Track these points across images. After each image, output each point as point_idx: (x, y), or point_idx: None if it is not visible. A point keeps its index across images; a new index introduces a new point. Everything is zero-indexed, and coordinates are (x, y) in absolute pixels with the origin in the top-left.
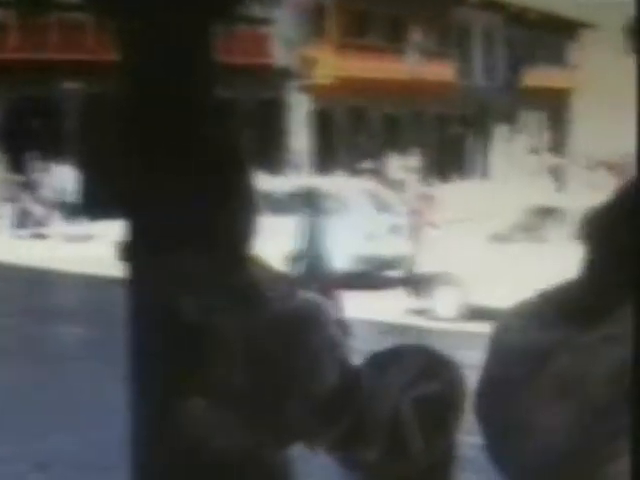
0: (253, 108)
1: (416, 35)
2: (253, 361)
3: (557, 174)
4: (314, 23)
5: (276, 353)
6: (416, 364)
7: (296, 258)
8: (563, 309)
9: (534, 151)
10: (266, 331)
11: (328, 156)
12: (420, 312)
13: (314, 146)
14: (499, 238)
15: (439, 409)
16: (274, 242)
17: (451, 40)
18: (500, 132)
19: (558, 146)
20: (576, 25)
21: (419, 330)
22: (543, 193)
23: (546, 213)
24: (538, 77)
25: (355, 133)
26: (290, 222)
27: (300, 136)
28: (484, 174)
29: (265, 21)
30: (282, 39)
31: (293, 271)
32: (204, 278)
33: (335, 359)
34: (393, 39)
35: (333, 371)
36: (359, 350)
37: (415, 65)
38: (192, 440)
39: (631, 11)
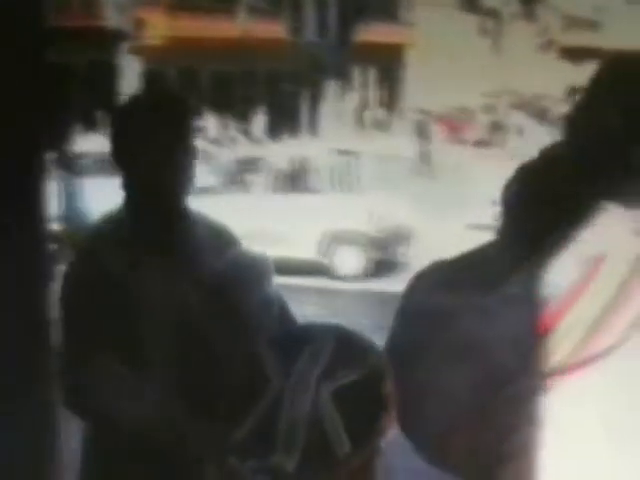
0: (84, 70)
1: None
2: (180, 323)
3: (383, 128)
4: None
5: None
6: (330, 349)
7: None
8: (467, 273)
9: (365, 106)
10: (194, 290)
11: None
12: None
13: None
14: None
15: (364, 402)
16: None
17: None
18: (332, 88)
19: (391, 101)
20: None
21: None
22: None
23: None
24: (371, 33)
25: (186, 93)
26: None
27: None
28: (314, 131)
29: None
30: (112, 1)
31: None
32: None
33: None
34: None
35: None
36: None
37: (246, 23)
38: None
39: None
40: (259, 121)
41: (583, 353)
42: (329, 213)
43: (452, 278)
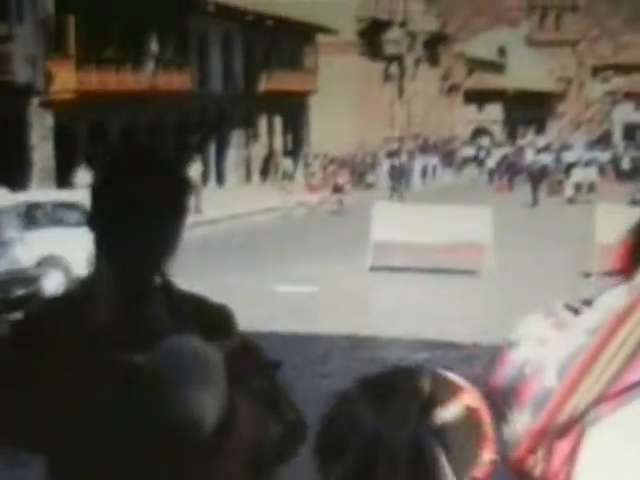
0: None
1: (153, 45)
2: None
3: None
4: (53, 38)
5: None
6: (429, 387)
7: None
8: None
9: (271, 154)
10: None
11: (71, 170)
12: None
13: (56, 161)
14: None
15: (464, 437)
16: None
17: (189, 48)
18: (238, 137)
19: (296, 147)
20: (313, 29)
21: None
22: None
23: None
24: (276, 81)
25: (95, 147)
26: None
27: (41, 151)
28: (221, 180)
29: (5, 39)
30: (22, 55)
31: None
32: None
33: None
34: (132, 50)
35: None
36: None
37: (153, 75)
38: None
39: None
40: None
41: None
42: None
43: None
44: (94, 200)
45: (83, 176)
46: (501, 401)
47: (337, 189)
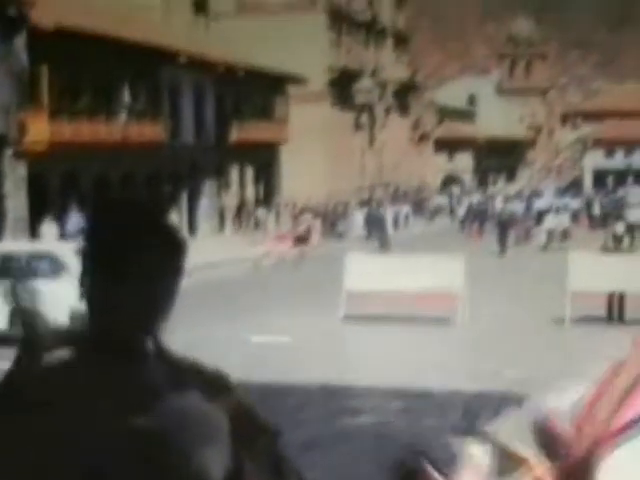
0: None
1: (125, 97)
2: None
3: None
4: (27, 89)
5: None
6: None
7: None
8: None
9: (243, 204)
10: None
11: (42, 221)
12: None
13: (28, 211)
14: None
15: None
16: None
17: (161, 99)
18: (210, 187)
19: (267, 197)
20: (284, 80)
21: None
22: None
23: None
24: (247, 132)
25: (68, 196)
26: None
27: (15, 201)
28: (193, 229)
29: None
30: None
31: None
32: None
33: None
34: (104, 102)
35: None
36: None
37: (125, 126)
38: None
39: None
40: None
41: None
42: None
43: None
44: (86, 257)
45: (49, 227)
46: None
47: (300, 240)
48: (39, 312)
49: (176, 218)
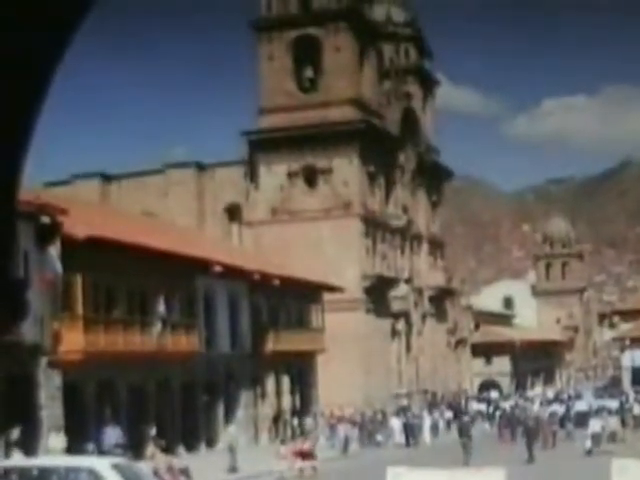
0: (3, 384)
1: (160, 307)
2: None
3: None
4: (62, 299)
5: None
6: None
7: None
8: None
9: (279, 414)
10: None
11: (79, 430)
12: None
13: (65, 420)
14: None
15: None
16: None
17: (196, 309)
18: (246, 397)
19: (305, 405)
20: (319, 288)
21: None
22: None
23: None
24: (282, 342)
25: (103, 406)
26: None
27: (50, 411)
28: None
29: None
30: (30, 316)
31: None
32: None
33: None
34: (139, 311)
35: None
36: None
37: (161, 336)
38: None
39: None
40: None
41: None
42: None
43: None
44: None
45: (57, 442)
46: None
47: (304, 455)
48: None
49: (213, 431)
